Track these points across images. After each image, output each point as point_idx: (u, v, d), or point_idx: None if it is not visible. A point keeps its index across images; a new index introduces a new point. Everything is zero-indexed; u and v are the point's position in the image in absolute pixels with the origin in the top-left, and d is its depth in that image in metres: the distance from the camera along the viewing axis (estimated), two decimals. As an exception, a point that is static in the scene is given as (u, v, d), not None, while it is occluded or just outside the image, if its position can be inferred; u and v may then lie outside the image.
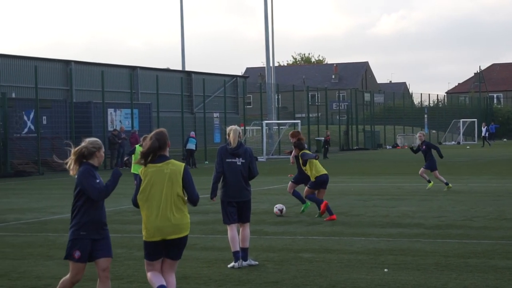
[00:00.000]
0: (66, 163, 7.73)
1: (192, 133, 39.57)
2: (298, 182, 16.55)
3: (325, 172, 15.92)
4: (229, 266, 10.62)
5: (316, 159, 15.84)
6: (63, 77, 46.89)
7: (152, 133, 7.77)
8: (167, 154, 7.72)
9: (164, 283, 7.67)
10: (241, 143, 10.74)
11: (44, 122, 38.09)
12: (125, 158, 25.56)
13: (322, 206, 15.69)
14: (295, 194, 16.74)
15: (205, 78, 50.61)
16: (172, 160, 7.67)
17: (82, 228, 7.53)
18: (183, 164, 7.68)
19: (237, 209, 10.69)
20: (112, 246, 7.69)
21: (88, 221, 7.52)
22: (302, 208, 16.64)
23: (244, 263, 10.62)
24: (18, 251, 12.37)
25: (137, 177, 7.91)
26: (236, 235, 10.62)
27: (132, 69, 51.90)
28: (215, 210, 16.19)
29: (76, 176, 7.63)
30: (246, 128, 51.28)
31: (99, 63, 50.23)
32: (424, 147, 22.69)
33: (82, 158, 7.64)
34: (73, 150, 7.69)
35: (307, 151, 16.11)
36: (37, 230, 15.00)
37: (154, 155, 7.64)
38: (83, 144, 7.70)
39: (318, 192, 15.98)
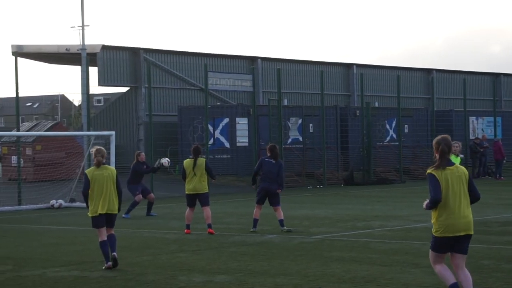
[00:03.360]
0: None
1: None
2: None
3: None
4: None
5: None
6: (424, 85, 47.29)
7: (439, 138, 8.51)
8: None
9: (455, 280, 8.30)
10: None
11: (406, 130, 38.61)
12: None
13: None
14: None
15: None
16: (457, 165, 8.52)
17: None
18: (464, 168, 8.54)
19: None
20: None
21: None
22: None
23: None
24: (384, 258, 12.60)
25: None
26: None
27: (495, 76, 50.68)
28: None
29: None
30: None
31: (461, 70, 49.83)
32: None
33: None
34: None
35: None
36: (402, 238, 15.15)
37: (445, 158, 8.45)
38: None
39: None
